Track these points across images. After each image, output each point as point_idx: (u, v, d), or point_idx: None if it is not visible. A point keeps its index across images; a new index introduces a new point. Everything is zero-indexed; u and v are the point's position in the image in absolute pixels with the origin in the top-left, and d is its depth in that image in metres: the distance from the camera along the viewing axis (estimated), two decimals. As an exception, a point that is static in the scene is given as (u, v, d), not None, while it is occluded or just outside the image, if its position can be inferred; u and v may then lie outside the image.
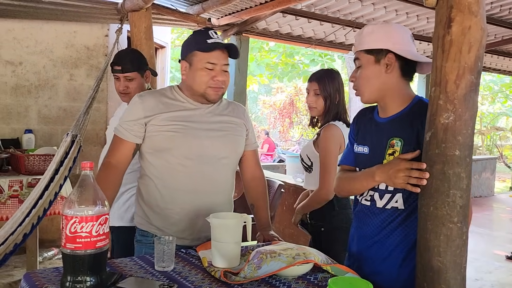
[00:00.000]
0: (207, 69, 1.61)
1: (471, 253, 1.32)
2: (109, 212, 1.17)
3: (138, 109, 1.65)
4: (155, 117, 1.63)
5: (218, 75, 1.63)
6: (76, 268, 1.11)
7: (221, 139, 1.69)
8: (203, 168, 1.64)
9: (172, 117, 1.64)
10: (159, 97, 1.68)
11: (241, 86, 5.18)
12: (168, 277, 1.31)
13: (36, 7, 3.47)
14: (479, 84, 1.23)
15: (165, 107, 1.66)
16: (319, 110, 2.13)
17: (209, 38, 1.61)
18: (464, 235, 1.22)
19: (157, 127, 1.62)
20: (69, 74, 4.14)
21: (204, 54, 1.61)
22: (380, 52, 1.41)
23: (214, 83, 1.63)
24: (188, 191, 1.64)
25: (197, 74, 1.63)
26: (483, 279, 4.07)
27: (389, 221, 1.42)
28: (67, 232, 1.10)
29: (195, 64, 1.63)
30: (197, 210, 1.63)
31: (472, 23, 1.17)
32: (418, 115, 1.36)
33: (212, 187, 1.67)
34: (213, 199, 1.68)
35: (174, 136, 1.62)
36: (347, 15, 4.45)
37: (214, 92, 1.64)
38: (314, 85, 2.12)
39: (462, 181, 1.20)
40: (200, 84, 1.63)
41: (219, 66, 1.63)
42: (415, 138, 1.35)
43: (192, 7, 4.06)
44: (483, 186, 8.58)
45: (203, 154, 1.64)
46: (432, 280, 1.22)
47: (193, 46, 1.63)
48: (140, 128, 1.64)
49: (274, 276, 1.32)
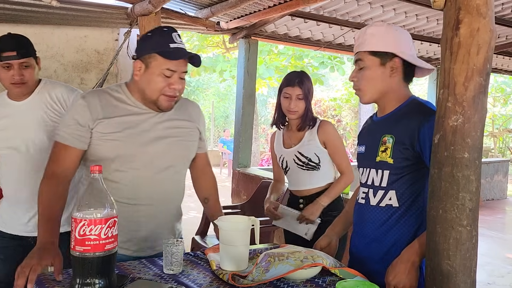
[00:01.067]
0: (165, 76, 1.49)
1: (483, 257, 1.31)
2: (117, 215, 1.17)
3: (84, 112, 1.49)
4: (101, 122, 1.49)
5: (175, 83, 1.51)
6: (85, 271, 1.12)
7: (169, 146, 1.57)
8: (149, 177, 1.54)
9: (117, 124, 1.51)
10: (106, 99, 1.54)
11: (250, 89, 5.19)
12: (176, 280, 1.31)
13: (47, 13, 3.52)
14: (488, 86, 1.22)
15: (112, 111, 1.52)
16: (300, 113, 2.19)
17: (172, 42, 1.49)
18: (473, 238, 1.21)
19: (101, 134, 1.50)
20: (80, 78, 4.19)
21: (164, 60, 1.48)
22: (385, 55, 1.42)
23: (169, 91, 1.51)
24: (129, 203, 1.52)
25: (152, 79, 1.50)
26: (496, 283, 4.02)
27: (384, 219, 1.44)
28: (76, 235, 1.11)
29: (152, 68, 1.49)
30: (137, 221, 1.54)
31: (480, 25, 1.16)
32: (410, 112, 1.41)
33: (157, 196, 1.56)
34: (158, 209, 1.58)
35: (117, 146, 1.50)
36: (356, 18, 4.44)
37: (167, 100, 1.52)
38: (297, 90, 2.17)
39: (471, 184, 1.19)
40: (154, 90, 1.50)
41: (178, 74, 1.51)
42: (406, 135, 1.38)
43: (201, 11, 4.09)
44: (496, 189, 8.47)
45: (148, 163, 1.53)
46: (441, 284, 1.21)
47: (153, 48, 1.49)
48: (87, 133, 1.50)
49: (282, 279, 1.32)
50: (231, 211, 3.77)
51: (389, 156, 1.41)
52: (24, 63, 1.90)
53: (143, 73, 1.52)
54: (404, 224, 1.41)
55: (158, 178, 1.56)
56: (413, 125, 1.37)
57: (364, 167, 1.52)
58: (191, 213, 5.57)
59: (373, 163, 1.47)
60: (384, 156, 1.42)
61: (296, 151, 2.23)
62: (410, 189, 1.40)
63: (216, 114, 17.16)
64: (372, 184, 1.47)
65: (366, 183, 1.49)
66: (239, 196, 5.13)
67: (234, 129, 5.44)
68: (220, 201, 1.88)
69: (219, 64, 10.16)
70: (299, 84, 2.17)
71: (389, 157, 1.41)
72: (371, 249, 1.47)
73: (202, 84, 18.08)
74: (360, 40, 1.47)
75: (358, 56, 1.47)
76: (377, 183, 1.45)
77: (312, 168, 2.21)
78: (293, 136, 2.27)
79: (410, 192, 1.40)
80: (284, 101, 2.21)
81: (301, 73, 2.25)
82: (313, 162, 2.21)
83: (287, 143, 2.30)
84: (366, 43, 1.44)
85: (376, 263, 1.44)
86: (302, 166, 2.22)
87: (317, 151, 2.20)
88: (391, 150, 1.41)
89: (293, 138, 2.27)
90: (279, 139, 2.36)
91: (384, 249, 1.44)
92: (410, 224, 1.40)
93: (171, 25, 4.02)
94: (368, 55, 1.44)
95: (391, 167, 1.41)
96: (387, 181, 1.42)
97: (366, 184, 1.50)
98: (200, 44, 10.00)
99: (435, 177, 1.23)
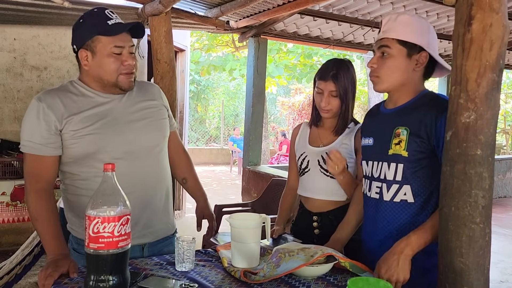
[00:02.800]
0: (115, 54, 1.44)
1: (496, 255, 1.30)
2: (130, 213, 1.19)
3: (46, 115, 1.41)
4: (68, 120, 1.43)
5: (127, 58, 1.46)
6: (99, 268, 1.13)
7: (145, 128, 1.54)
8: (134, 164, 1.49)
9: (87, 118, 1.45)
10: (65, 96, 1.47)
11: (260, 87, 5.20)
12: (188, 277, 1.32)
13: (60, 14, 3.56)
14: (501, 82, 1.21)
15: (76, 106, 1.45)
16: (334, 111, 1.83)
17: (109, 19, 1.44)
18: (487, 235, 1.20)
19: (73, 132, 1.43)
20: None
21: (108, 38, 1.43)
22: (413, 47, 1.38)
23: (125, 69, 1.46)
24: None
25: (104, 62, 1.44)
26: (509, 281, 3.97)
27: (399, 216, 1.40)
28: (90, 232, 1.13)
29: (100, 51, 1.43)
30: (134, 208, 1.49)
31: (493, 20, 1.15)
32: (425, 105, 1.38)
33: (149, 180, 1.53)
34: (151, 191, 1.55)
35: (95, 139, 1.44)
36: (365, 15, 4.41)
37: (126, 78, 1.47)
38: (330, 85, 1.79)
39: (484, 181, 1.18)
40: (110, 72, 1.45)
41: (127, 49, 1.46)
42: (423, 127, 1.35)
43: (210, 10, 4.10)
44: (508, 186, 8.36)
45: (130, 149, 1.49)
46: (454, 281, 1.20)
47: (92, 31, 1.43)
48: (57, 137, 1.43)
49: (293, 276, 1.32)
50: (241, 209, 3.78)
51: (404, 149, 1.37)
52: None
53: (91, 60, 1.46)
54: (420, 222, 1.36)
55: (144, 163, 1.52)
56: (431, 118, 1.33)
57: (374, 161, 1.48)
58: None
59: (385, 156, 1.42)
60: (398, 149, 1.38)
61: (324, 152, 1.83)
62: (425, 184, 1.37)
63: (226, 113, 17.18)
64: (385, 178, 1.42)
65: (379, 178, 1.45)
66: (250, 194, 5.14)
67: (244, 127, 5.45)
68: (229, 198, 1.88)
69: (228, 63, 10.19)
70: (333, 79, 1.78)
71: (403, 149, 1.37)
72: (384, 246, 1.42)
73: (212, 83, 18.11)
74: (389, 25, 1.40)
75: (384, 42, 1.40)
76: (390, 177, 1.41)
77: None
78: (324, 134, 1.90)
79: (426, 187, 1.37)
80: (316, 96, 1.85)
81: (339, 63, 1.83)
82: None
83: (315, 140, 1.91)
84: (396, 30, 1.38)
85: None
86: (325, 171, 1.82)
87: (348, 158, 1.81)
88: (405, 143, 1.37)
89: (323, 136, 1.89)
90: (304, 134, 1.96)
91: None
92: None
93: (181, 25, 4.05)
94: (396, 43, 1.38)
95: (406, 160, 1.37)
96: (402, 175, 1.39)
97: (379, 178, 1.45)
98: (209, 44, 10.03)
99: (447, 174, 1.22)
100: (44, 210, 1.42)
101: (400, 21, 1.39)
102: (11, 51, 3.92)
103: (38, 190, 1.42)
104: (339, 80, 1.79)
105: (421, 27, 1.39)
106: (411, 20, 1.39)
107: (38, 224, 1.41)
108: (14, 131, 3.96)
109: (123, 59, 1.45)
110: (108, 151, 1.45)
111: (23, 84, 3.98)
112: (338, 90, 1.79)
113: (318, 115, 1.90)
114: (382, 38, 1.41)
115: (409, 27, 1.38)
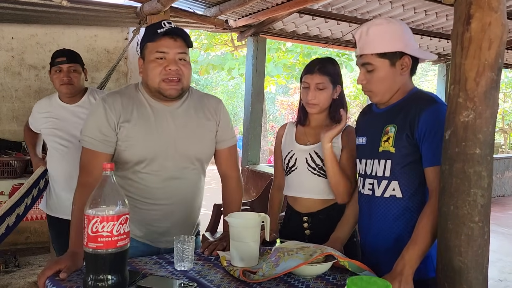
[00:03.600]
0: (158, 59, 1.47)
1: (494, 253, 1.30)
2: (129, 212, 1.19)
3: (106, 115, 1.49)
4: (122, 125, 1.50)
5: (170, 64, 1.46)
6: (98, 267, 1.13)
7: (186, 146, 1.57)
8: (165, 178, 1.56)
9: (138, 127, 1.51)
10: (126, 100, 1.53)
11: (259, 87, 5.19)
12: (187, 276, 1.32)
13: (58, 12, 3.55)
14: (500, 81, 1.21)
15: (131, 113, 1.52)
16: (321, 107, 1.79)
17: (160, 28, 1.47)
18: (485, 234, 1.20)
19: (125, 137, 1.50)
20: (90, 77, 4.19)
21: (152, 44, 1.47)
22: (394, 55, 1.41)
23: (166, 74, 1.47)
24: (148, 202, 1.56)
25: (148, 67, 1.48)
26: (507, 280, 3.98)
27: (389, 210, 1.44)
28: (88, 232, 1.13)
29: (147, 58, 1.49)
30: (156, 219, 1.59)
31: (492, 19, 1.15)
32: (411, 101, 1.41)
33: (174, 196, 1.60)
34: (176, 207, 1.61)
35: (138, 150, 1.51)
36: (364, 14, 4.41)
37: (168, 84, 1.48)
38: (316, 78, 1.76)
39: (483, 180, 1.18)
40: (152, 78, 1.48)
41: (172, 55, 1.47)
42: (408, 123, 1.38)
43: (209, 9, 4.10)
44: (506, 185, 8.38)
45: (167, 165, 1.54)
46: (453, 280, 1.20)
47: (144, 39, 1.51)
48: (112, 136, 1.50)
49: (293, 275, 1.32)
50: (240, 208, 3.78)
51: (391, 145, 1.41)
52: (71, 67, 2.36)
53: (143, 67, 1.52)
54: (409, 215, 1.41)
55: (175, 178, 1.57)
56: (414, 112, 1.37)
57: (367, 159, 1.52)
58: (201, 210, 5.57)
59: (376, 154, 1.47)
60: (386, 146, 1.43)
61: (312, 150, 1.81)
62: (412, 179, 1.40)
63: (224, 112, 17.16)
64: (376, 174, 1.47)
65: (371, 174, 1.49)
66: (249, 193, 5.14)
67: (243, 126, 5.45)
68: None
69: (227, 62, 10.16)
70: (320, 71, 1.76)
71: (391, 146, 1.41)
72: (378, 241, 1.47)
73: (210, 82, 18.10)
74: (363, 41, 1.42)
75: (364, 60, 1.43)
76: (380, 173, 1.45)
77: (324, 175, 1.78)
78: (311, 133, 1.87)
79: (412, 183, 1.40)
80: (303, 92, 1.82)
81: (324, 59, 1.84)
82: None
83: (302, 138, 1.87)
84: (371, 45, 1.41)
85: (384, 254, 1.44)
86: (313, 170, 1.80)
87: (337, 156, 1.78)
88: (393, 139, 1.41)
89: (310, 134, 1.86)
90: (291, 133, 1.93)
91: (391, 240, 1.44)
92: (415, 215, 1.38)
93: (180, 23, 4.04)
94: (376, 57, 1.41)
95: (393, 156, 1.41)
96: (390, 171, 1.42)
97: (371, 175, 1.49)
98: (208, 43, 10.01)
99: (446, 173, 1.22)
100: (82, 203, 1.40)
101: (372, 34, 1.40)
102: (9, 50, 3.91)
103: (85, 183, 1.46)
104: (325, 72, 1.77)
105: (394, 32, 1.41)
106: (382, 29, 1.41)
107: (72, 214, 1.44)
108: (12, 130, 3.95)
109: (165, 64, 1.47)
110: (147, 164, 1.52)
111: (21, 83, 3.96)
112: (325, 83, 1.76)
113: (304, 113, 1.88)
114: (361, 55, 1.43)
115: (383, 37, 1.40)
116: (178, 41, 1.48)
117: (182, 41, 1.49)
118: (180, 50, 1.49)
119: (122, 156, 1.52)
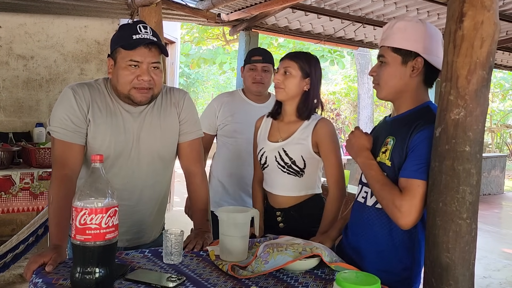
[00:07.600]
0: (130, 67, 1.45)
1: (479, 251, 1.32)
2: (118, 205, 1.18)
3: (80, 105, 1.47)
4: (91, 118, 1.49)
5: (143, 74, 1.45)
6: (85, 260, 1.12)
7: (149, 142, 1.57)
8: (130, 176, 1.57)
9: (103, 124, 1.50)
10: (94, 94, 1.52)
11: (250, 81, 5.16)
12: (176, 269, 1.32)
13: (48, 2, 3.50)
14: (491, 79, 1.22)
15: (98, 108, 1.51)
16: (288, 93, 1.77)
17: (136, 34, 1.44)
18: (473, 231, 1.21)
19: (92, 133, 1.49)
20: (80, 68, 4.17)
21: (127, 52, 1.44)
22: (408, 54, 1.36)
23: (138, 83, 1.46)
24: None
25: (120, 74, 1.46)
26: (491, 277, 4.05)
27: (374, 221, 1.42)
28: (77, 224, 1.11)
29: (119, 63, 1.46)
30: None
31: (484, 18, 1.16)
32: (417, 118, 1.35)
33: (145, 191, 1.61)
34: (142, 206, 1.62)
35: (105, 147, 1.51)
36: (356, 11, 4.41)
37: (139, 93, 1.47)
38: (286, 62, 1.77)
39: (472, 178, 1.19)
40: (123, 84, 1.47)
41: (145, 65, 1.45)
42: (404, 138, 1.33)
43: (202, 2, 4.06)
44: (493, 184, 8.50)
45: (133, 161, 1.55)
46: (440, 276, 1.22)
47: (117, 43, 1.47)
48: (85, 128, 1.49)
49: (282, 270, 1.33)
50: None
51: (388, 158, 1.37)
52: (265, 67, 2.37)
53: (113, 70, 1.49)
54: (394, 231, 1.37)
55: (139, 179, 1.57)
56: (412, 129, 1.32)
57: None
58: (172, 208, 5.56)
59: None
60: (383, 158, 1.39)
61: (280, 148, 1.80)
62: None
63: (215, 107, 17.10)
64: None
65: (367, 183, 1.45)
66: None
67: (234, 121, 5.42)
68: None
69: (219, 56, 10.13)
70: (290, 57, 1.80)
71: (387, 159, 1.37)
72: (360, 249, 1.45)
73: (201, 76, 18.01)
74: (387, 33, 1.40)
75: (381, 51, 1.41)
76: None
77: (294, 173, 1.78)
78: (283, 129, 1.84)
79: None
80: (274, 79, 1.83)
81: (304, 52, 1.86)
82: (297, 167, 1.78)
83: (274, 135, 1.86)
84: (390, 38, 1.38)
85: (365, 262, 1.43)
86: (283, 167, 1.79)
87: (305, 154, 1.77)
88: (390, 152, 1.37)
89: (282, 130, 1.84)
90: (266, 127, 1.91)
91: (373, 251, 1.42)
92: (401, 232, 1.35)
93: (172, 16, 4.00)
94: (390, 51, 1.38)
95: (388, 170, 1.36)
96: None
97: (367, 184, 1.45)
98: (200, 36, 9.96)
99: (436, 170, 1.23)
100: (60, 197, 1.41)
101: (396, 28, 1.38)
102: (-3, 39, 3.85)
103: (62, 176, 1.44)
104: (295, 58, 1.77)
105: (416, 32, 1.36)
106: (407, 25, 1.37)
107: (50, 208, 1.43)
108: (-1, 120, 3.89)
109: (138, 73, 1.45)
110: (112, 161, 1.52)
111: (8, 73, 3.90)
112: (292, 68, 1.76)
113: (279, 106, 1.87)
114: (380, 47, 1.43)
115: (403, 33, 1.37)
116: (152, 51, 1.46)
117: (156, 49, 1.47)
118: (154, 60, 1.47)
119: (86, 154, 1.51)
